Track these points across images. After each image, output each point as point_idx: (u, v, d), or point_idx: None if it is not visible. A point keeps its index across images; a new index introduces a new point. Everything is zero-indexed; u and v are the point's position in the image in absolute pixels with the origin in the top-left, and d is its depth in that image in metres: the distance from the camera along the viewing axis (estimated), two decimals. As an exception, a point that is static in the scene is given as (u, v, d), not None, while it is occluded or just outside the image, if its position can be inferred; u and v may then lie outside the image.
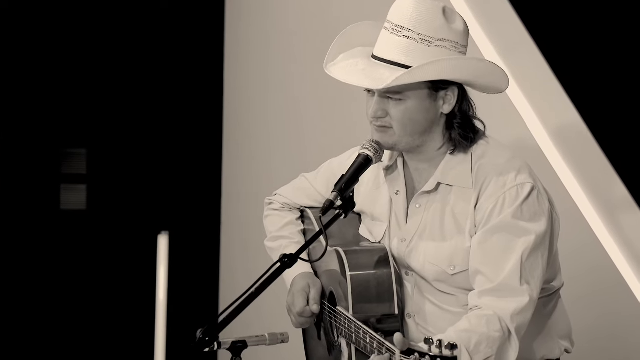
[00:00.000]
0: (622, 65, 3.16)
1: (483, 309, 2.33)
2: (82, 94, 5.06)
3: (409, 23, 2.39)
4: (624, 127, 3.16)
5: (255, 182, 5.03)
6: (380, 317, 2.47)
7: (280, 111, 4.82)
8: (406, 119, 2.43)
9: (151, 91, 5.14)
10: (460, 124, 2.48)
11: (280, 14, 4.84)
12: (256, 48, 5.02)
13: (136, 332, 5.10)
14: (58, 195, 5.06)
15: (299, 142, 4.68)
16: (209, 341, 2.21)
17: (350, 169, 2.44)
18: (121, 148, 5.12)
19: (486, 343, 2.25)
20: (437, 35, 2.39)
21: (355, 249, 2.59)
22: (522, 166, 2.45)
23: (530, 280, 2.35)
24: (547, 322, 2.56)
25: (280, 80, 4.81)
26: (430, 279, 2.50)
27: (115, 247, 5.08)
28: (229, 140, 5.24)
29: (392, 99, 2.43)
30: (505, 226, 2.37)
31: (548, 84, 3.34)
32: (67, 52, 5.02)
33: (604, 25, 3.20)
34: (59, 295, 5.03)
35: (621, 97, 3.17)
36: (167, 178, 5.17)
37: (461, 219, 2.45)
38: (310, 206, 2.88)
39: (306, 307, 2.65)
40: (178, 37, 5.19)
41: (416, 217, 2.53)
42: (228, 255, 5.27)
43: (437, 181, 2.50)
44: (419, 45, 2.38)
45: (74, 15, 5.04)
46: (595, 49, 3.23)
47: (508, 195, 2.39)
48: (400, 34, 2.40)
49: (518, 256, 2.35)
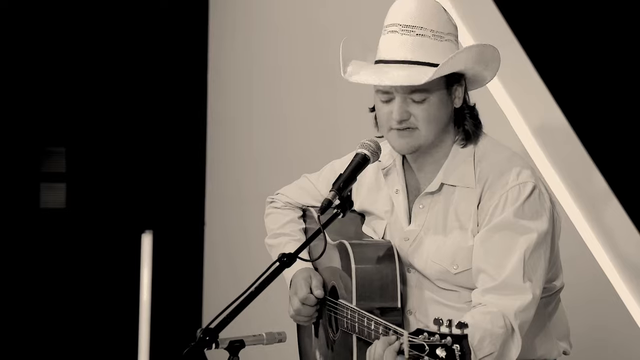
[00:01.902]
0: (605, 62, 3.18)
1: (487, 306, 2.35)
2: (61, 92, 5.03)
3: (419, 22, 2.43)
4: (609, 126, 3.18)
5: (238, 181, 5.03)
6: (382, 310, 2.48)
7: (264, 110, 4.82)
8: (432, 117, 2.45)
9: (132, 89, 5.12)
10: (470, 115, 2.53)
11: (265, 12, 4.84)
12: (240, 47, 5.01)
13: (120, 332, 5.08)
14: (37, 193, 5.04)
15: (283, 141, 4.68)
16: (209, 341, 2.20)
17: (347, 168, 2.44)
18: (101, 146, 5.10)
19: (489, 339, 2.26)
20: (445, 30, 2.46)
21: (361, 243, 2.61)
22: (523, 165, 2.47)
23: (532, 278, 2.37)
24: (547, 322, 2.57)
25: (264, 79, 4.81)
26: (433, 278, 2.51)
27: (97, 246, 5.06)
28: (213, 139, 5.23)
29: (415, 101, 2.45)
30: (507, 224, 2.39)
31: (532, 83, 3.37)
32: (45, 51, 4.99)
33: (588, 25, 3.23)
34: (39, 295, 5.00)
35: (604, 95, 3.19)
36: (151, 177, 5.15)
37: (464, 219, 2.47)
38: (313, 205, 2.87)
39: (309, 295, 2.65)
40: (161, 35, 5.17)
41: (420, 217, 2.54)
42: (212, 254, 5.26)
43: (440, 182, 2.52)
44: (433, 41, 2.43)
45: (54, 14, 5.01)
46: (578, 48, 3.25)
47: (510, 194, 2.41)
48: (413, 33, 2.43)
49: (520, 254, 2.37)
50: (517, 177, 2.44)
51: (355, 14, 4.13)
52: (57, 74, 5.01)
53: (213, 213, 5.25)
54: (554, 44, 3.33)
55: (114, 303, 5.07)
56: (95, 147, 5.09)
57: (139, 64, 5.12)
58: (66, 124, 5.06)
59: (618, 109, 3.16)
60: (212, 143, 5.24)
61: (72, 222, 5.06)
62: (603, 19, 3.19)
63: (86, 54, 5.04)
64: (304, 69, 4.48)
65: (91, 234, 5.06)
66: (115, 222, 5.08)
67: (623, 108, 3.14)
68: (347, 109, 4.19)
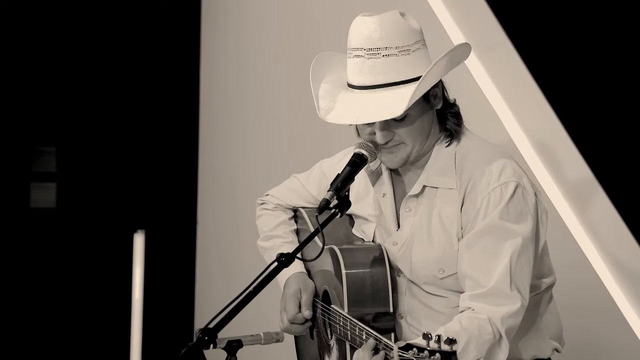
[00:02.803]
0: (598, 62, 3.19)
1: (475, 310, 2.34)
2: (52, 91, 5.02)
3: (383, 42, 2.40)
4: (604, 130, 3.18)
5: (231, 180, 5.02)
6: (375, 315, 2.47)
7: (257, 110, 4.81)
8: (415, 130, 2.45)
9: (124, 88, 5.11)
10: (452, 113, 2.51)
11: (257, 12, 4.83)
12: (233, 46, 5.01)
13: (112, 331, 5.07)
14: (28, 193, 5.02)
15: (275, 140, 4.68)
16: (208, 341, 2.20)
17: (345, 168, 2.43)
18: (92, 146, 5.09)
19: (475, 344, 2.26)
20: (410, 40, 2.42)
21: (351, 247, 2.58)
22: (505, 163, 2.44)
23: (519, 284, 2.36)
24: (539, 321, 2.56)
25: (257, 79, 4.81)
26: (420, 283, 2.50)
27: (88, 245, 5.05)
28: (205, 138, 5.23)
29: (396, 120, 2.43)
30: (491, 229, 2.38)
31: (524, 84, 3.38)
32: (36, 50, 4.97)
33: (582, 27, 3.23)
34: (30, 296, 4.99)
35: (598, 96, 3.20)
36: (143, 176, 5.15)
37: (448, 222, 2.45)
38: (303, 206, 2.87)
39: (298, 314, 2.64)
40: (153, 35, 5.17)
41: (408, 221, 2.53)
42: (204, 253, 5.26)
43: (422, 184, 2.50)
44: (401, 58, 2.40)
45: (45, 14, 4.99)
46: (571, 50, 3.26)
47: (492, 196, 2.40)
48: (379, 56, 2.40)
49: (507, 260, 2.35)
50: (498, 177, 2.41)
51: (349, 13, 4.12)
52: (48, 73, 5.00)
53: (205, 212, 5.24)
54: (546, 44, 3.34)
55: (106, 302, 5.07)
56: (86, 146, 5.08)
57: (131, 63, 5.12)
58: (57, 123, 5.05)
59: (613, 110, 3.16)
60: (204, 142, 5.23)
61: (62, 221, 5.05)
62: (596, 19, 3.19)
63: (78, 54, 5.03)
64: (296, 69, 4.48)
65: (82, 233, 5.06)
66: (107, 222, 5.07)
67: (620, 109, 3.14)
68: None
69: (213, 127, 5.18)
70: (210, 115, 5.21)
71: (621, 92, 3.13)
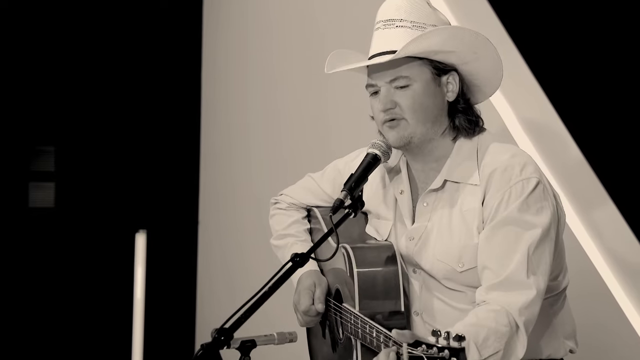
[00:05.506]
0: (599, 61, 3.21)
1: (491, 303, 2.35)
2: (50, 90, 5.01)
3: (399, 14, 2.46)
4: (603, 126, 3.20)
5: (233, 180, 5.02)
6: (386, 314, 2.49)
7: (258, 110, 4.81)
8: (417, 105, 2.47)
9: (124, 88, 5.10)
10: (463, 109, 2.53)
11: (259, 11, 4.83)
12: (234, 46, 5.01)
13: (114, 331, 5.06)
14: (26, 192, 5.01)
15: (277, 140, 4.68)
16: (224, 341, 2.21)
17: (359, 168, 2.45)
18: (91, 145, 5.07)
19: (494, 337, 2.26)
20: (428, 21, 2.46)
21: (362, 246, 2.60)
22: (527, 161, 2.47)
23: (536, 272, 2.37)
24: (553, 321, 2.58)
25: (258, 79, 4.81)
26: (440, 277, 2.51)
27: (88, 245, 5.04)
28: (207, 138, 5.22)
29: (399, 89, 2.47)
30: (511, 220, 2.40)
31: (526, 83, 3.39)
32: (35, 50, 4.96)
33: (582, 25, 3.25)
34: (29, 296, 4.97)
35: (599, 95, 3.21)
36: (144, 176, 5.14)
37: (469, 217, 2.47)
38: (317, 205, 2.89)
39: (311, 306, 2.67)
40: (154, 35, 5.16)
41: (424, 215, 2.55)
42: (206, 253, 5.26)
43: (444, 179, 2.52)
44: (414, 31, 2.45)
45: (44, 13, 4.98)
46: (571, 47, 3.28)
47: (514, 190, 2.42)
48: (393, 26, 2.45)
49: (524, 250, 2.37)
50: (520, 172, 2.44)
51: (350, 13, 4.14)
52: (47, 72, 4.99)
53: (207, 212, 5.24)
54: (547, 43, 3.36)
55: (108, 303, 5.06)
56: (85, 146, 5.07)
57: (131, 63, 5.11)
58: (55, 123, 5.03)
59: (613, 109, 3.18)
60: (205, 141, 5.23)
61: (61, 221, 5.04)
62: (596, 18, 3.21)
63: (77, 53, 5.02)
64: (298, 69, 4.48)
65: (81, 233, 5.04)
66: (107, 222, 5.06)
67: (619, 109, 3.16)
68: (341, 108, 4.20)
69: (214, 126, 5.18)
70: (211, 114, 5.21)
71: (622, 92, 3.15)
